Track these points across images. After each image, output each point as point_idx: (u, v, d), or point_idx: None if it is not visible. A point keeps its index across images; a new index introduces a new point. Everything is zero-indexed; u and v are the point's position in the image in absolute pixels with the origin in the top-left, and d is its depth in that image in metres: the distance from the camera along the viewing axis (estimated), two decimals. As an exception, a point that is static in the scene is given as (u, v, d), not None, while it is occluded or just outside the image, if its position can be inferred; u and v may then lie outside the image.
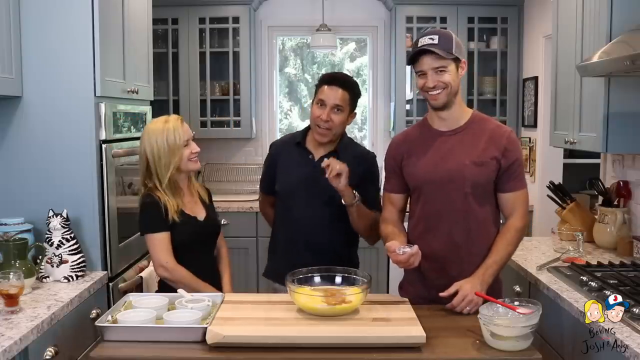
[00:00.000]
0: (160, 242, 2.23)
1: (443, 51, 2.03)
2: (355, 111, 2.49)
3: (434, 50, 2.02)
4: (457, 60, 2.08)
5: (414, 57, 2.08)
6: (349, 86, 2.42)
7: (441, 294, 2.02)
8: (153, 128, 2.27)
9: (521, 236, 2.16)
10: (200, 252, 2.35)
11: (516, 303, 1.84)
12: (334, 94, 2.37)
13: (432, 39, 2.04)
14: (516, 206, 2.14)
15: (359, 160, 2.46)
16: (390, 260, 2.08)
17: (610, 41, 2.46)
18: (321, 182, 2.34)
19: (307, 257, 2.28)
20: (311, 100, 2.52)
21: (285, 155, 2.55)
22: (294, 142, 2.54)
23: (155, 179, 2.26)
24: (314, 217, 2.45)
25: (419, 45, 2.06)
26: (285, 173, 2.53)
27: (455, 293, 2.01)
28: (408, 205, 2.30)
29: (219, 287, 2.37)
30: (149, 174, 2.28)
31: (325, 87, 2.40)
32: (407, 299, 2.08)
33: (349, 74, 3.06)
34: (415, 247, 2.01)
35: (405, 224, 2.30)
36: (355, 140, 2.71)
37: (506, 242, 2.12)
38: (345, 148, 2.48)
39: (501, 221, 2.21)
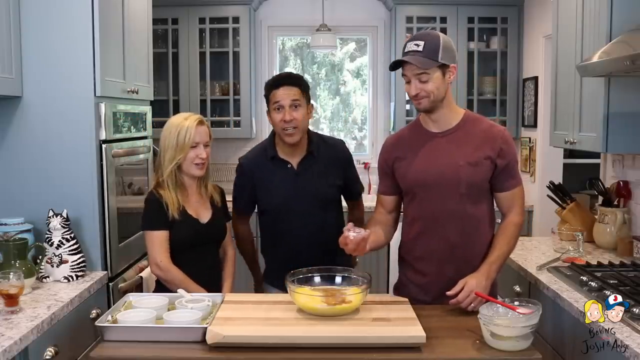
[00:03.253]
0: (157, 240, 2.24)
1: (426, 59, 2.00)
2: (312, 103, 2.51)
3: (411, 62, 2.00)
4: (443, 66, 2.04)
5: (397, 63, 2.07)
6: (297, 81, 2.42)
7: (448, 293, 2.00)
8: (172, 121, 2.31)
9: (520, 231, 2.18)
10: (199, 254, 2.34)
11: (516, 303, 1.83)
12: (286, 93, 2.37)
13: (417, 45, 2.02)
14: (514, 203, 2.16)
15: (334, 152, 2.54)
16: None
17: (610, 41, 2.46)
18: (307, 191, 2.44)
19: (309, 258, 2.28)
20: (266, 111, 2.47)
21: (262, 172, 2.49)
22: (268, 157, 2.48)
23: (159, 171, 2.30)
24: (308, 225, 2.46)
25: (405, 50, 2.05)
26: (268, 191, 2.49)
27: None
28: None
29: (216, 288, 2.35)
30: (159, 163, 2.31)
31: (275, 91, 2.39)
32: (407, 299, 2.08)
33: (349, 73, 3.07)
34: (365, 233, 1.98)
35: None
36: (319, 133, 2.67)
37: (507, 238, 2.13)
38: (318, 147, 2.50)
39: (498, 221, 2.21)
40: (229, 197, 2.57)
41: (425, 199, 2.14)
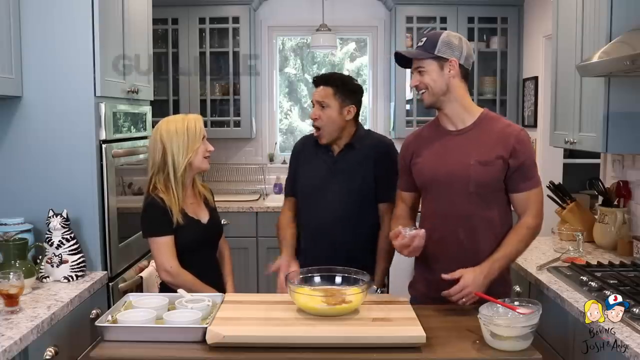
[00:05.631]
0: (164, 246, 2.22)
1: (418, 51, 2.11)
2: (353, 105, 2.51)
3: (402, 53, 2.14)
4: (440, 59, 2.08)
5: (403, 59, 2.17)
6: (331, 81, 2.52)
7: (443, 276, 1.98)
8: (172, 119, 2.28)
9: (534, 234, 2.12)
10: (203, 254, 2.34)
11: (516, 303, 1.83)
12: (317, 93, 2.52)
13: (421, 42, 2.14)
14: (529, 205, 2.10)
15: (374, 148, 2.54)
16: (396, 251, 2.09)
17: (610, 41, 2.46)
18: (341, 179, 2.48)
19: (330, 251, 2.31)
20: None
21: (306, 153, 2.63)
22: (313, 141, 2.60)
23: (170, 169, 2.22)
24: (334, 212, 2.47)
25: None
26: (305, 171, 2.59)
27: (456, 281, 1.99)
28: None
29: (221, 286, 2.37)
30: (162, 164, 2.23)
31: (314, 89, 2.55)
32: (407, 299, 2.08)
33: (348, 73, 3.07)
34: (422, 230, 2.01)
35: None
36: (372, 131, 2.76)
37: (517, 239, 2.09)
38: (360, 139, 2.56)
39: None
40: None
41: (437, 196, 2.15)
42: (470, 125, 2.13)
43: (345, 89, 2.51)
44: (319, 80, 2.54)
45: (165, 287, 2.29)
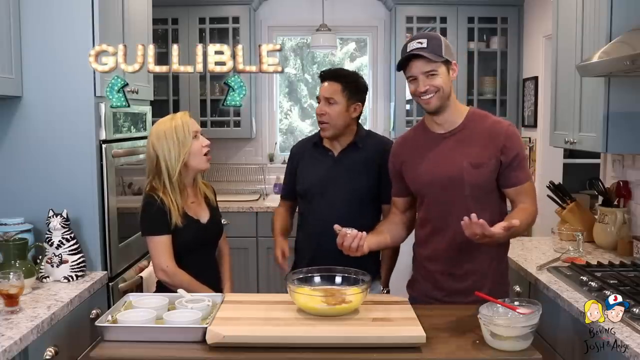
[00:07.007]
0: (161, 245, 2.21)
1: (432, 54, 2.01)
2: (359, 103, 2.51)
3: (423, 55, 2.01)
4: (447, 62, 2.06)
5: (404, 62, 2.07)
6: (338, 77, 2.50)
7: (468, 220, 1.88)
8: (161, 122, 2.27)
9: (531, 219, 2.08)
10: (202, 254, 2.34)
11: (516, 303, 1.83)
12: (325, 88, 2.49)
13: (421, 43, 2.03)
14: (525, 196, 2.09)
15: (378, 150, 2.51)
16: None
17: (610, 41, 2.46)
18: (342, 178, 2.47)
19: (329, 254, 2.28)
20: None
21: (305, 156, 2.62)
22: (312, 143, 2.60)
23: (164, 175, 2.21)
24: (336, 212, 2.43)
25: (408, 50, 2.05)
26: (306, 173, 2.58)
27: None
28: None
29: (219, 287, 2.36)
30: (157, 171, 2.23)
31: (321, 84, 2.53)
32: (406, 299, 2.08)
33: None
34: (356, 232, 2.04)
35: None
36: (372, 130, 2.73)
37: (523, 215, 2.03)
38: (363, 139, 2.54)
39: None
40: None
41: (432, 201, 2.14)
42: (460, 126, 2.13)
43: (353, 86, 2.50)
44: (326, 76, 2.52)
45: (161, 287, 2.29)
